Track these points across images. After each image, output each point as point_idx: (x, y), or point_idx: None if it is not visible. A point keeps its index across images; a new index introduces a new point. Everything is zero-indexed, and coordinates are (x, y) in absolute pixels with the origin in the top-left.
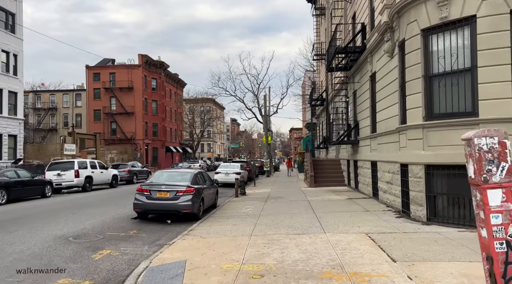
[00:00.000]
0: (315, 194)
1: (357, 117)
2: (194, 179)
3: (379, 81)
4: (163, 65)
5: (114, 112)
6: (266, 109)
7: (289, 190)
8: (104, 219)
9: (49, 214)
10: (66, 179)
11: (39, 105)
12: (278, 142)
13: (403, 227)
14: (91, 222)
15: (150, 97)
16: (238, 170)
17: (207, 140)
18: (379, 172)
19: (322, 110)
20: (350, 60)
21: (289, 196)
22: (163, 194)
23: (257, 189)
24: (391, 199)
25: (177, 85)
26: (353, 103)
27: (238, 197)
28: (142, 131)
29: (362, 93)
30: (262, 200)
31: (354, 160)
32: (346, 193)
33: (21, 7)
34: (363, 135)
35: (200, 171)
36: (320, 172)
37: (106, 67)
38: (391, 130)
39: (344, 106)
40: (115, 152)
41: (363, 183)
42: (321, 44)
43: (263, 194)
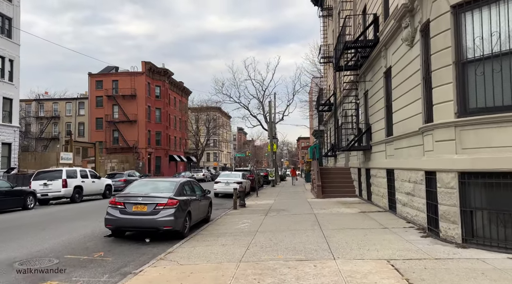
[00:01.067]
0: (323, 206)
1: (369, 120)
2: (179, 190)
3: (396, 76)
4: (167, 73)
5: (117, 120)
6: (271, 115)
7: (293, 202)
8: (74, 237)
9: (15, 229)
10: (53, 189)
11: (42, 114)
12: (285, 151)
13: (434, 251)
14: (55, 241)
15: (153, 105)
16: (239, 180)
17: (213, 149)
18: (397, 181)
19: (330, 116)
20: (361, 57)
21: (293, 208)
22: (140, 208)
23: (259, 200)
24: (413, 213)
25: (182, 93)
26: (364, 105)
27: (237, 209)
28: (145, 140)
29: (374, 92)
30: (262, 213)
31: (366, 168)
32: (358, 206)
33: (18, 11)
34: (377, 139)
35: (188, 181)
36: (328, 182)
37: (109, 75)
38: (412, 132)
39: (354, 108)
40: (116, 161)
41: (377, 194)
42: (328, 46)
43: (265, 206)
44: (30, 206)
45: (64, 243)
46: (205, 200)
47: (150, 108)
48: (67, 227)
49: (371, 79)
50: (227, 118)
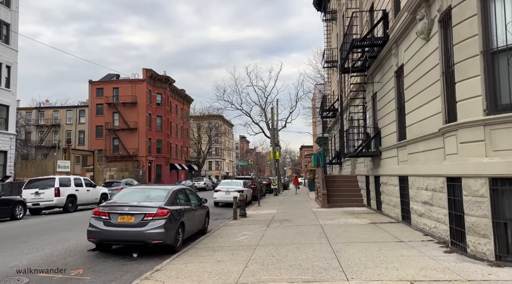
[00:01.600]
0: (329, 216)
1: (378, 124)
2: (171, 199)
3: (409, 75)
4: (168, 80)
5: (117, 128)
6: (273, 122)
7: (297, 211)
8: (56, 250)
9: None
10: (45, 198)
11: (42, 122)
12: (288, 159)
13: (464, 270)
14: (34, 255)
15: (154, 113)
16: (240, 188)
17: (215, 157)
18: (412, 189)
19: (334, 122)
20: (369, 57)
21: (298, 218)
22: (126, 219)
23: (261, 209)
24: (431, 225)
25: (184, 100)
26: (372, 108)
27: (237, 220)
28: (145, 148)
29: (384, 94)
30: (264, 223)
31: (375, 175)
32: (367, 216)
33: (17, 17)
34: (387, 144)
35: (182, 188)
36: (334, 190)
37: (109, 82)
38: (429, 134)
39: (361, 111)
40: (115, 169)
41: (388, 204)
42: (332, 51)
43: (267, 216)
44: (19, 216)
45: (43, 257)
46: (201, 210)
47: (151, 115)
48: (52, 239)
49: (380, 80)
50: (229, 126)
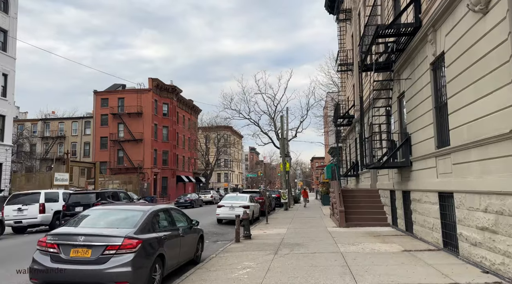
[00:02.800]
0: (349, 239)
1: (406, 129)
2: (146, 223)
3: (454, 63)
4: (175, 90)
5: (122, 139)
6: (283, 131)
7: (311, 231)
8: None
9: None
10: (28, 215)
11: (47, 134)
12: (299, 171)
13: None
14: None
15: (160, 123)
16: (246, 203)
17: (224, 169)
18: (460, 210)
19: (349, 130)
20: (395, 50)
21: (312, 242)
22: (81, 252)
23: (269, 228)
24: (495, 260)
25: (191, 111)
26: (399, 111)
27: (239, 243)
28: (151, 159)
29: (415, 93)
30: (271, 249)
31: (403, 190)
32: (396, 240)
33: (15, 23)
34: (421, 153)
35: (164, 208)
36: (352, 207)
37: (115, 92)
38: (491, 138)
39: (384, 115)
40: (118, 182)
41: (423, 225)
42: (346, 53)
43: (275, 237)
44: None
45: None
46: (191, 234)
47: (156, 126)
48: (12, 268)
49: (409, 76)
50: (238, 137)
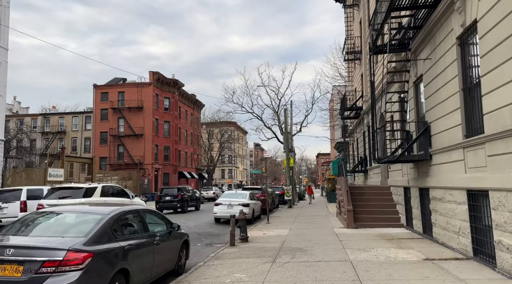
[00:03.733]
0: (359, 243)
1: (424, 118)
2: (102, 231)
3: (490, 32)
4: (177, 84)
5: (122, 134)
6: (287, 125)
7: (315, 233)
8: None
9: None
10: (9, 214)
11: (47, 129)
12: (304, 167)
13: None
14: None
15: (162, 118)
16: (245, 201)
17: (228, 165)
18: (499, 212)
19: (356, 124)
20: (413, 26)
21: (316, 247)
22: (9, 271)
23: (270, 228)
24: None
25: (194, 106)
26: (415, 98)
27: (234, 247)
28: (152, 155)
29: (437, 74)
30: (269, 256)
31: (420, 187)
32: (414, 245)
33: (7, 13)
34: (444, 143)
35: (133, 210)
36: (361, 205)
37: (115, 86)
38: None
39: (397, 101)
40: (117, 178)
41: (446, 228)
42: (354, 40)
43: (276, 240)
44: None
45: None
46: (172, 240)
47: (158, 121)
48: None
49: (429, 56)
50: (242, 133)
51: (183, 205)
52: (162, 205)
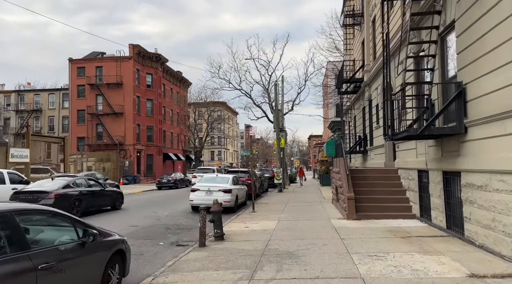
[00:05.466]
0: (367, 243)
1: (456, 78)
2: None
3: None
4: (160, 59)
5: (101, 112)
6: (277, 102)
7: (309, 227)
8: None
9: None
10: None
11: (22, 107)
12: (296, 149)
13: None
14: None
15: (144, 95)
16: (227, 186)
17: (217, 147)
18: None
19: (355, 99)
20: None
21: (311, 250)
22: None
23: (255, 219)
24: None
25: (180, 84)
26: (441, 55)
27: (203, 250)
28: (133, 135)
29: (482, 14)
30: (246, 266)
31: (445, 170)
32: (440, 246)
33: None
34: (489, 111)
35: None
36: (364, 192)
37: (92, 60)
38: None
39: (415, 55)
40: (94, 159)
41: (489, 227)
42: (354, 2)
43: (259, 237)
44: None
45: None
46: (88, 256)
47: (139, 98)
48: None
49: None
50: (233, 114)
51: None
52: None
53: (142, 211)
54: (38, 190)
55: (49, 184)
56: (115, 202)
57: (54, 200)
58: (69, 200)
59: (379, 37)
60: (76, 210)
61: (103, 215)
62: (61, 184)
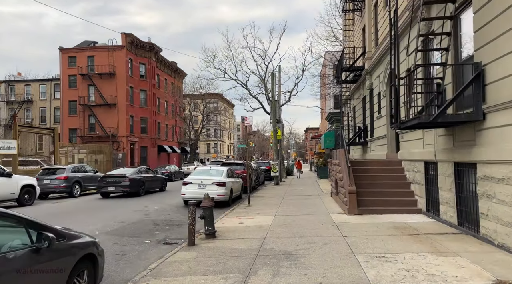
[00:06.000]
0: (373, 242)
1: (473, 59)
2: None
3: None
4: (153, 48)
5: (93, 103)
6: (273, 92)
7: (308, 223)
8: None
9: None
10: None
11: (12, 98)
12: (293, 141)
13: None
14: None
15: (137, 86)
16: (221, 179)
17: (214, 139)
18: None
19: (355, 89)
20: None
21: (311, 250)
22: None
23: (250, 213)
24: None
25: (175, 75)
26: (454, 35)
27: (192, 248)
28: (126, 127)
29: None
30: (239, 269)
31: (457, 162)
32: (454, 246)
33: None
34: None
35: None
36: (366, 185)
37: (83, 50)
38: None
39: (426, 34)
40: (86, 151)
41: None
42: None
43: (254, 234)
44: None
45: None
46: (45, 263)
47: (132, 89)
48: None
49: None
50: (229, 106)
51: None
52: None
53: (131, 205)
54: (119, 174)
55: (125, 171)
56: (162, 185)
57: (129, 182)
58: (138, 182)
59: (381, 22)
60: (142, 190)
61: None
62: (133, 170)
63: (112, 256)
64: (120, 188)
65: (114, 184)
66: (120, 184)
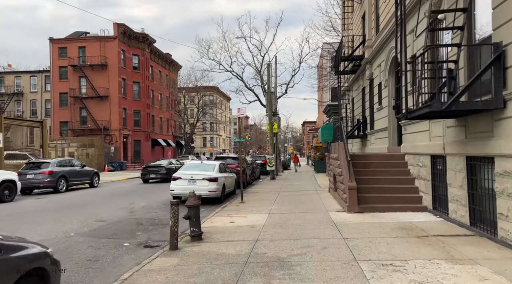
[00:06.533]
0: (378, 246)
1: (491, 39)
2: None
3: None
4: (147, 39)
5: (84, 95)
6: (269, 84)
7: (305, 222)
8: None
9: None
10: None
11: (2, 90)
12: (290, 135)
13: None
14: None
15: (130, 78)
16: (212, 174)
17: (209, 133)
18: None
19: (353, 80)
20: None
21: (308, 256)
22: None
23: (242, 211)
24: None
25: (169, 67)
26: (469, 19)
27: (174, 253)
28: (119, 119)
29: None
30: (224, 279)
31: (470, 156)
32: (470, 250)
33: None
34: None
35: None
36: (366, 181)
37: (74, 40)
38: None
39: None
40: (76, 145)
41: None
42: None
43: (245, 236)
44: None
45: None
46: None
47: (125, 81)
48: None
49: None
50: (226, 99)
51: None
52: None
53: (117, 201)
54: (158, 164)
55: (161, 162)
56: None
57: (166, 171)
58: (172, 171)
59: (383, 7)
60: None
61: None
62: (168, 161)
63: (82, 262)
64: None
65: (155, 173)
66: (159, 172)
